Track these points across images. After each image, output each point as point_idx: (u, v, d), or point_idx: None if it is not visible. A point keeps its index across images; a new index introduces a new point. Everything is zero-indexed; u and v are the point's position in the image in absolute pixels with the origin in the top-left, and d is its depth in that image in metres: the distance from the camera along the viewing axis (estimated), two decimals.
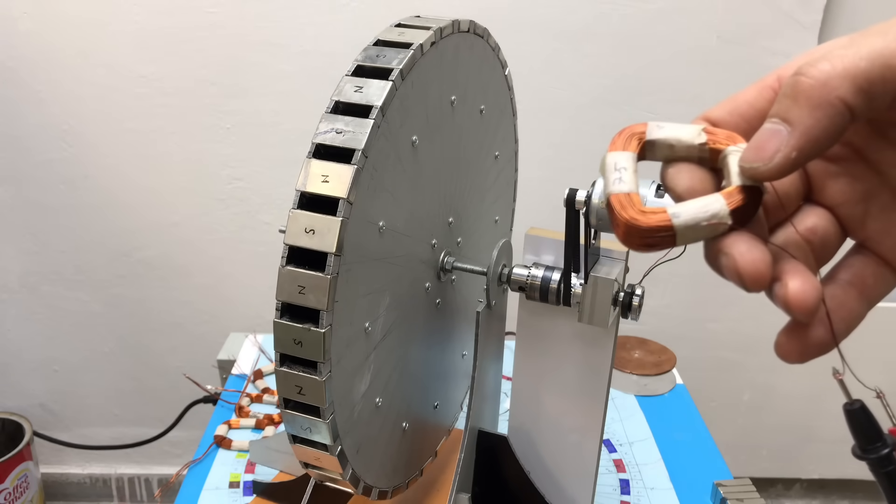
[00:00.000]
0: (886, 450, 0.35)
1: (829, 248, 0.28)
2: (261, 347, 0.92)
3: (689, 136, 0.27)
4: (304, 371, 0.42)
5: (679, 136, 0.27)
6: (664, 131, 0.27)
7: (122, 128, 1.10)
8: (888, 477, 0.35)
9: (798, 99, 0.24)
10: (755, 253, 0.25)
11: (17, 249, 1.18)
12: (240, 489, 0.69)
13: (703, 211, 0.25)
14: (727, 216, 0.25)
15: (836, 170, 0.27)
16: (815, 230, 0.28)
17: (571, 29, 1.04)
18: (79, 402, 1.31)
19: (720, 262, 0.26)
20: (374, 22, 0.48)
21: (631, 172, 0.27)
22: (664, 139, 0.27)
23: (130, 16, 1.03)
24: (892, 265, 0.28)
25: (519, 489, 0.61)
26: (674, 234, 0.26)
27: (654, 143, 0.27)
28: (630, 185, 0.27)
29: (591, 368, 0.57)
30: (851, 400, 0.36)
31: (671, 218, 0.25)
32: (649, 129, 0.27)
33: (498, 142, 0.62)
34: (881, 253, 0.28)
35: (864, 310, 0.28)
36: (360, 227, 0.42)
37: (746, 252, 0.25)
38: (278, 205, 1.14)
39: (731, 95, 0.28)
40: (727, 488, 0.68)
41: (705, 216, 0.25)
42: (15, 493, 1.16)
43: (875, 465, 0.35)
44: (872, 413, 0.35)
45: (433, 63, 0.46)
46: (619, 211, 0.26)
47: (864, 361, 1.36)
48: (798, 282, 0.25)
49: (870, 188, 0.27)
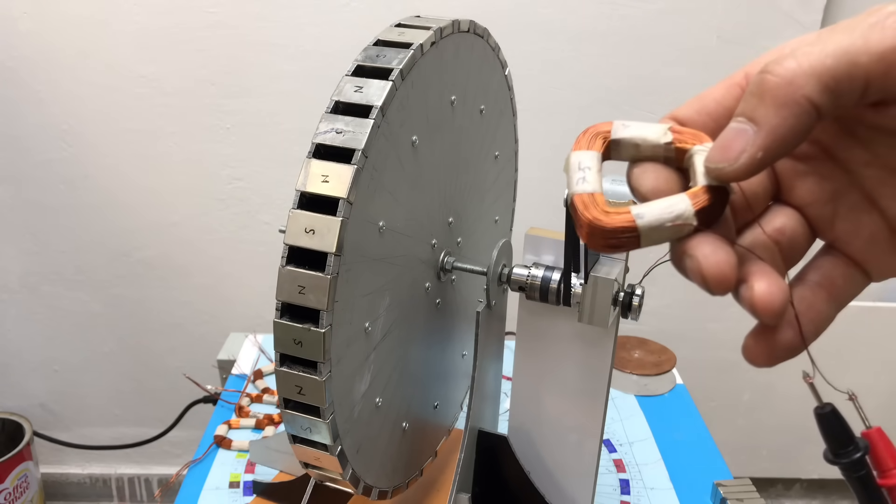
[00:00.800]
0: (858, 454, 0.34)
1: (797, 249, 0.28)
2: (261, 347, 0.92)
3: (655, 136, 0.26)
4: (304, 371, 0.42)
5: (644, 135, 0.26)
6: (629, 130, 0.27)
7: (121, 128, 1.10)
8: (860, 481, 0.35)
9: (764, 97, 0.23)
10: (720, 255, 0.25)
11: (17, 249, 1.18)
12: (240, 489, 0.69)
13: (668, 212, 0.25)
14: (692, 217, 0.25)
15: (804, 169, 0.27)
16: (783, 231, 0.27)
17: (571, 29, 1.04)
18: (79, 402, 1.31)
19: (685, 264, 0.25)
20: (374, 22, 0.48)
21: (595, 172, 0.27)
22: (629, 138, 0.27)
23: (130, 16, 1.03)
24: (861, 266, 0.27)
25: (519, 489, 0.61)
26: (637, 235, 0.25)
27: (619, 142, 0.27)
28: (594, 184, 0.26)
29: (591, 368, 0.57)
30: (822, 404, 0.36)
31: (635, 219, 0.25)
32: (614, 128, 0.27)
33: (498, 142, 0.62)
34: (850, 253, 0.27)
35: (834, 311, 0.27)
36: (360, 227, 0.42)
37: (711, 254, 0.25)
38: (278, 205, 1.14)
39: (699, 94, 0.28)
40: (727, 488, 0.68)
41: (670, 217, 0.25)
42: (15, 493, 1.16)
43: (847, 469, 0.35)
44: (843, 417, 0.35)
45: (433, 63, 0.46)
46: (582, 211, 0.26)
47: (864, 361, 1.36)
48: (764, 283, 0.25)
49: (838, 188, 0.27)
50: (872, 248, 0.27)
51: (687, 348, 1.00)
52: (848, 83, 0.22)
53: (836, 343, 1.27)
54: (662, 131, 0.26)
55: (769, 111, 0.23)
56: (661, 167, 0.26)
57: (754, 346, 0.27)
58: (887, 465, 0.34)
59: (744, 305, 0.26)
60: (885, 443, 0.34)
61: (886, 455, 0.34)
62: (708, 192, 0.25)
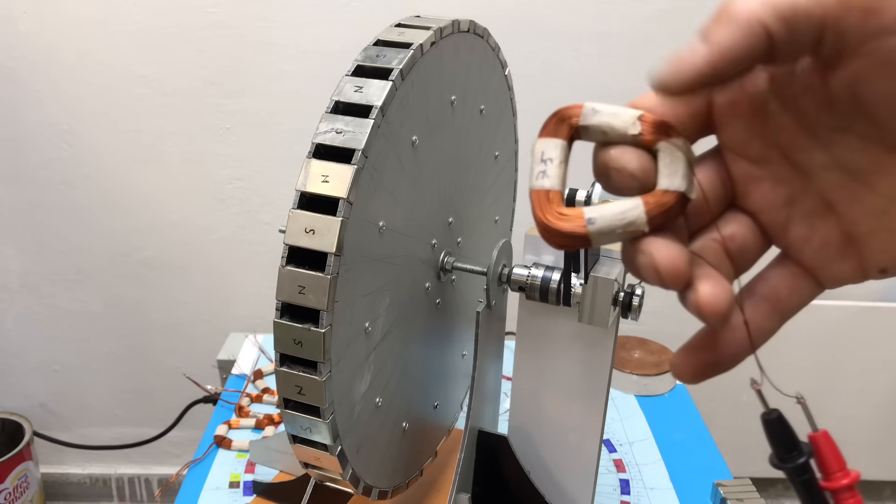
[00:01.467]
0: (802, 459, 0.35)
1: (747, 256, 0.28)
2: (261, 347, 0.92)
3: (623, 125, 0.26)
4: (304, 371, 0.42)
5: (613, 123, 0.26)
6: (598, 117, 0.26)
7: (121, 128, 1.10)
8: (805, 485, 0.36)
9: (720, 18, 0.24)
10: (672, 250, 0.25)
11: (17, 249, 1.18)
12: (240, 489, 0.69)
13: (620, 219, 0.25)
14: (644, 224, 0.25)
15: (760, 174, 0.27)
16: (733, 238, 0.27)
17: (571, 29, 1.04)
18: (79, 402, 1.31)
19: (637, 261, 0.26)
20: (374, 22, 0.48)
21: (557, 164, 0.26)
22: (597, 125, 0.26)
23: (130, 16, 1.03)
24: (812, 272, 0.27)
25: (519, 489, 0.61)
26: (588, 240, 0.25)
27: (587, 128, 0.26)
28: (553, 180, 0.26)
29: (591, 368, 0.57)
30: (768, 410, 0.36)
31: (586, 224, 0.25)
32: (584, 114, 0.26)
33: (498, 142, 0.62)
34: (802, 260, 0.27)
35: (776, 324, 0.27)
36: (360, 227, 0.42)
37: (664, 248, 0.25)
38: (278, 205, 1.14)
39: None
40: (727, 488, 0.68)
41: (621, 224, 0.25)
42: (15, 493, 1.16)
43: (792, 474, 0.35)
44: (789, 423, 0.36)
45: (433, 63, 0.46)
46: (536, 210, 0.26)
47: (865, 361, 1.36)
48: (709, 286, 0.25)
49: (794, 192, 0.27)
50: (824, 254, 0.27)
51: None
52: (805, 19, 0.23)
53: (837, 343, 1.27)
54: (631, 121, 0.25)
55: (721, 28, 0.23)
56: (635, 151, 0.26)
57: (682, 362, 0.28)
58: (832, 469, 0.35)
59: (689, 309, 0.26)
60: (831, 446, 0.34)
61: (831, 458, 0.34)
62: (666, 197, 0.25)
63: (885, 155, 0.24)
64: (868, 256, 0.26)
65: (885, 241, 0.26)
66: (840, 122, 0.25)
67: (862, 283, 0.28)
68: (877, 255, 0.26)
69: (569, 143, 0.27)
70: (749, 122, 0.26)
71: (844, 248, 0.26)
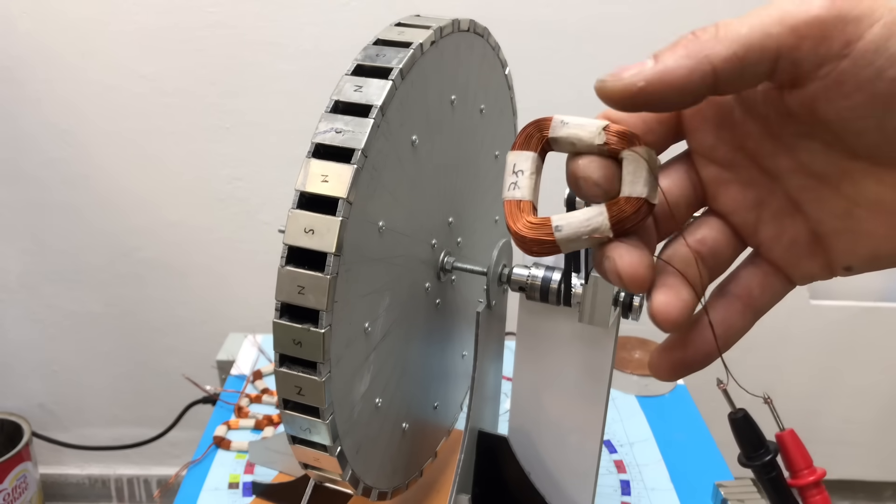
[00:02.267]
0: (769, 457, 0.36)
1: (720, 259, 0.28)
2: (260, 348, 0.91)
3: (589, 136, 0.27)
4: (304, 371, 0.42)
5: (580, 135, 0.27)
6: (566, 129, 0.27)
7: (121, 127, 1.10)
8: (772, 482, 0.36)
9: (676, 47, 0.24)
10: (633, 256, 0.26)
11: (16, 249, 1.18)
12: (239, 490, 0.69)
13: (585, 226, 0.27)
14: (608, 230, 0.26)
15: (728, 177, 0.28)
16: (704, 241, 0.28)
17: (572, 29, 1.04)
18: (78, 402, 1.31)
19: (603, 266, 0.27)
20: (374, 21, 0.48)
21: (527, 176, 0.28)
22: (565, 137, 0.27)
23: (130, 16, 1.03)
24: (783, 270, 0.28)
25: (519, 490, 0.60)
26: (557, 247, 0.27)
27: (556, 139, 0.28)
28: (524, 191, 0.28)
29: (591, 369, 0.56)
30: (735, 409, 0.38)
31: (553, 231, 0.27)
32: (553, 126, 0.28)
33: (498, 141, 0.62)
34: (772, 259, 0.28)
35: (749, 322, 0.28)
36: (360, 227, 0.42)
37: (626, 255, 0.26)
38: (278, 205, 1.14)
39: None
40: (728, 489, 0.68)
41: (586, 230, 0.27)
42: (14, 494, 1.16)
43: (759, 471, 0.36)
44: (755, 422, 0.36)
45: (433, 62, 0.46)
46: (508, 220, 0.28)
47: (865, 361, 1.36)
48: (663, 296, 0.27)
49: (762, 195, 0.27)
50: (793, 252, 0.28)
51: None
52: (758, 54, 0.23)
53: (837, 343, 1.27)
54: (597, 132, 0.27)
55: (671, 54, 0.24)
56: (599, 161, 0.27)
57: (657, 360, 0.29)
58: (799, 466, 0.36)
59: (650, 317, 0.27)
60: (797, 445, 0.36)
61: (798, 456, 0.36)
62: (628, 204, 0.26)
63: (847, 161, 0.25)
64: (834, 255, 0.27)
65: (850, 241, 0.26)
66: (802, 129, 0.25)
67: (862, 284, 0.28)
68: (842, 254, 0.27)
69: (540, 156, 0.28)
70: (716, 129, 0.27)
71: (812, 246, 0.27)
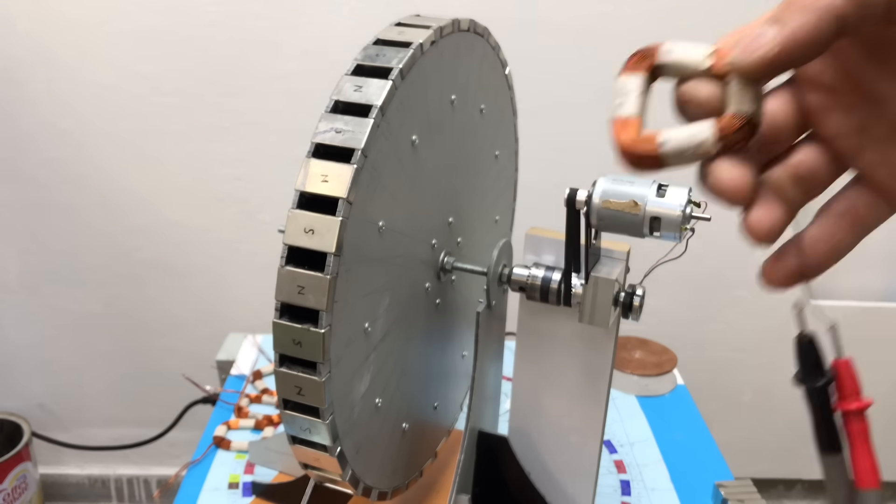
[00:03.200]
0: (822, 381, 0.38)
1: (817, 182, 0.29)
2: (260, 348, 0.91)
3: (697, 61, 0.28)
4: (304, 371, 0.42)
5: (688, 58, 0.28)
6: (673, 55, 0.28)
7: (120, 127, 1.09)
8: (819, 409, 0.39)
9: (793, 3, 0.25)
10: (736, 172, 0.27)
11: (16, 249, 1.18)
12: (239, 490, 0.69)
13: (690, 141, 0.27)
14: (712, 146, 0.27)
15: (833, 102, 0.28)
16: (803, 163, 0.29)
17: (572, 28, 1.04)
18: (78, 402, 1.31)
19: (707, 182, 0.28)
20: (374, 21, 0.48)
21: (635, 97, 0.29)
22: (673, 63, 0.28)
23: (129, 16, 1.02)
24: (886, 195, 0.29)
25: (519, 490, 0.60)
26: (659, 160, 0.28)
27: (663, 66, 0.29)
28: (631, 109, 0.29)
29: (591, 369, 0.56)
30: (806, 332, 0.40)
31: (658, 147, 0.27)
32: (661, 53, 0.29)
33: (498, 141, 0.62)
34: (876, 182, 0.29)
35: (855, 239, 0.29)
36: (360, 227, 0.42)
37: (728, 170, 0.27)
38: (278, 205, 1.14)
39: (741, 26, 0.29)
40: (728, 489, 0.68)
41: (691, 146, 0.27)
42: (13, 494, 1.15)
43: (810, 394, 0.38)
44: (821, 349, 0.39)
45: (433, 62, 0.46)
46: (614, 136, 0.29)
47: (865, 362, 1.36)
48: (759, 212, 0.28)
49: (865, 120, 0.28)
50: None
51: (688, 348, 1.00)
52: None
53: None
54: (704, 56, 0.28)
55: (794, 13, 0.25)
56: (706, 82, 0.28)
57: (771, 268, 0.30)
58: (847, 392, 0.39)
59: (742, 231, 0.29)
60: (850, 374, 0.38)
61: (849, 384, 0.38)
62: (734, 121, 0.27)
63: None
64: None
65: None
66: None
67: (862, 284, 0.29)
68: None
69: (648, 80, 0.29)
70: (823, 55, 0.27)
71: None
